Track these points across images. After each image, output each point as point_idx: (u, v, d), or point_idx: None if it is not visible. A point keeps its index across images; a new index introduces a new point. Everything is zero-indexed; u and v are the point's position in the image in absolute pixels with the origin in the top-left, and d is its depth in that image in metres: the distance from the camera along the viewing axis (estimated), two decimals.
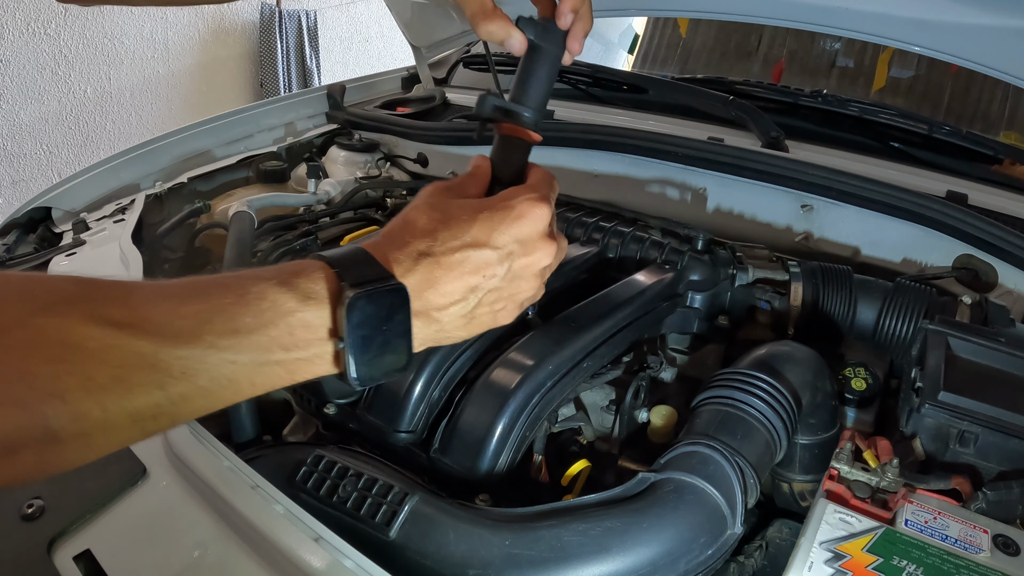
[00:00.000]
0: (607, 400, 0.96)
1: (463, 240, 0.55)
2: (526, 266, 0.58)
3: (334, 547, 0.64)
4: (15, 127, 3.22)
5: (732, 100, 1.58)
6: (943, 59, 1.31)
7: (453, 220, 0.55)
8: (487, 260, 0.55)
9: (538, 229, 0.58)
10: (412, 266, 0.54)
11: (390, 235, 0.56)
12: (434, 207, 0.57)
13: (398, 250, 0.54)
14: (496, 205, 0.57)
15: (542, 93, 0.65)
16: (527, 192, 0.58)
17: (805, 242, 1.36)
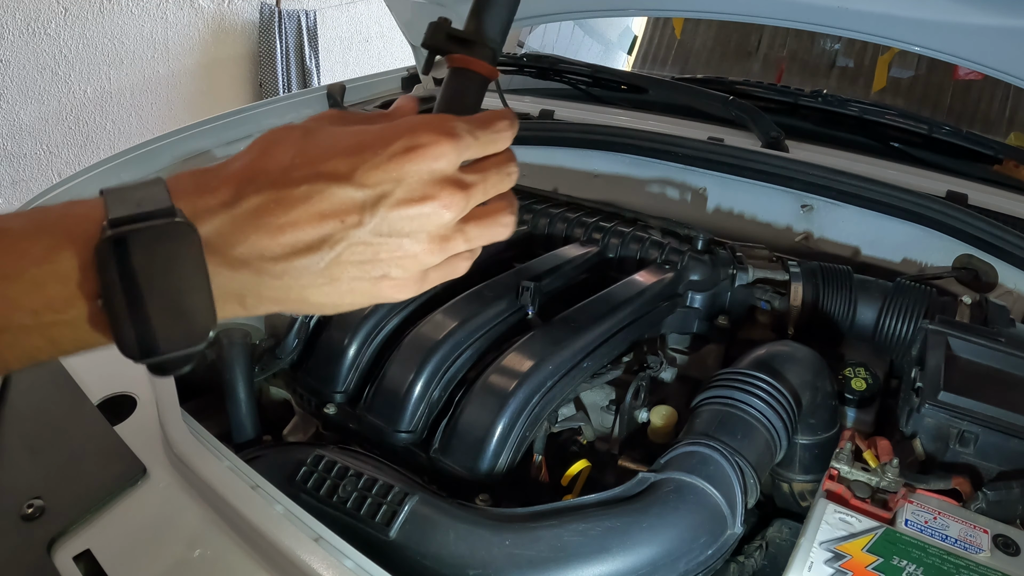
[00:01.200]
0: (607, 400, 0.96)
1: (316, 169, 0.40)
2: (409, 218, 0.42)
3: (334, 547, 0.64)
4: (15, 127, 3.22)
5: (732, 100, 1.58)
6: (943, 59, 1.31)
7: (313, 144, 0.42)
8: (345, 200, 0.40)
9: (433, 168, 0.42)
10: (232, 197, 0.40)
11: (231, 160, 0.43)
12: (302, 129, 0.43)
13: (215, 175, 0.41)
14: (379, 131, 0.42)
15: (503, 21, 0.56)
16: (433, 121, 0.43)
17: (805, 242, 1.36)
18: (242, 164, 0.41)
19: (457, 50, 0.54)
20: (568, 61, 1.90)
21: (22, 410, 0.84)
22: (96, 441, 0.79)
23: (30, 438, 0.81)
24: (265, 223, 0.40)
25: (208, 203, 0.40)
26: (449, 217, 0.43)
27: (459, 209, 0.43)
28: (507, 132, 0.47)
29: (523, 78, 1.92)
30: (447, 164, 0.43)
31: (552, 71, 1.86)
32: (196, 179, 0.41)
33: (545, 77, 1.89)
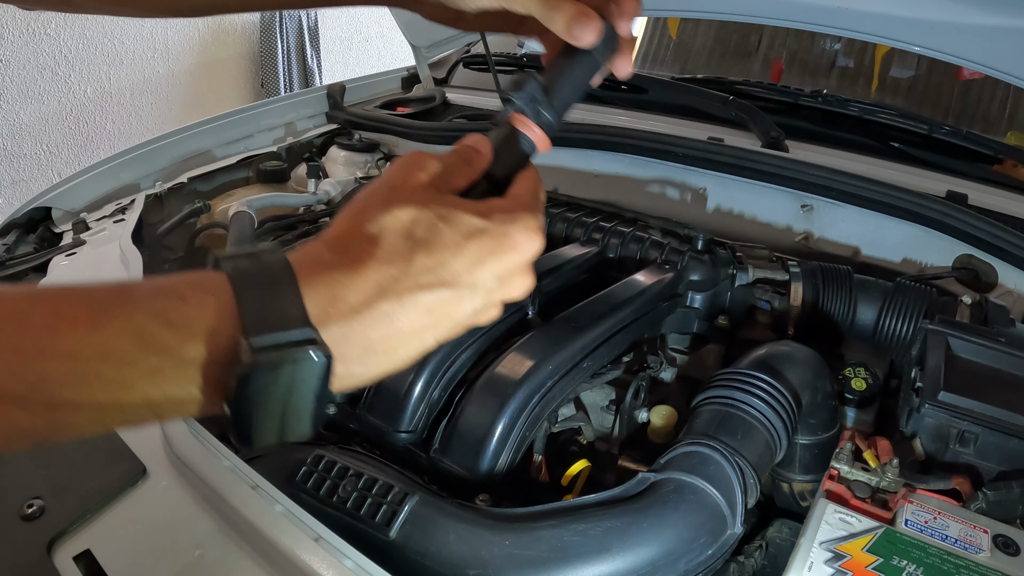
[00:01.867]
0: (607, 400, 0.96)
1: (439, 275, 0.43)
2: (494, 300, 0.47)
3: (334, 547, 0.64)
4: (15, 127, 3.22)
5: (732, 100, 1.58)
6: (943, 59, 1.31)
7: (437, 242, 0.43)
8: (461, 299, 0.44)
9: (524, 260, 0.47)
10: (363, 307, 0.41)
11: (345, 242, 0.43)
12: (420, 209, 0.44)
13: (348, 277, 0.41)
14: (492, 229, 0.45)
15: (570, 101, 0.56)
16: (524, 213, 0.47)
17: (805, 242, 1.36)
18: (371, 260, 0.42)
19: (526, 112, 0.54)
20: None
21: None
22: (96, 441, 0.79)
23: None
24: (389, 329, 0.42)
25: (338, 310, 0.41)
26: (519, 295, 0.48)
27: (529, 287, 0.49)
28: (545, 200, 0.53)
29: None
30: (533, 253, 0.47)
31: None
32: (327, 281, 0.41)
33: None
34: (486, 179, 0.52)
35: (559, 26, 0.53)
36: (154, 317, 0.37)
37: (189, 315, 0.38)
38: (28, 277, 1.19)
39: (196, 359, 0.38)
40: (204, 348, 0.38)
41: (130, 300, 0.38)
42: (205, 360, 0.38)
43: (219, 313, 0.39)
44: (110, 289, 0.38)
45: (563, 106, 0.55)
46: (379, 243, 0.43)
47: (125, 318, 0.37)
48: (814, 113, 1.62)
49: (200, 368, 0.38)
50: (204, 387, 0.39)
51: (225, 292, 0.39)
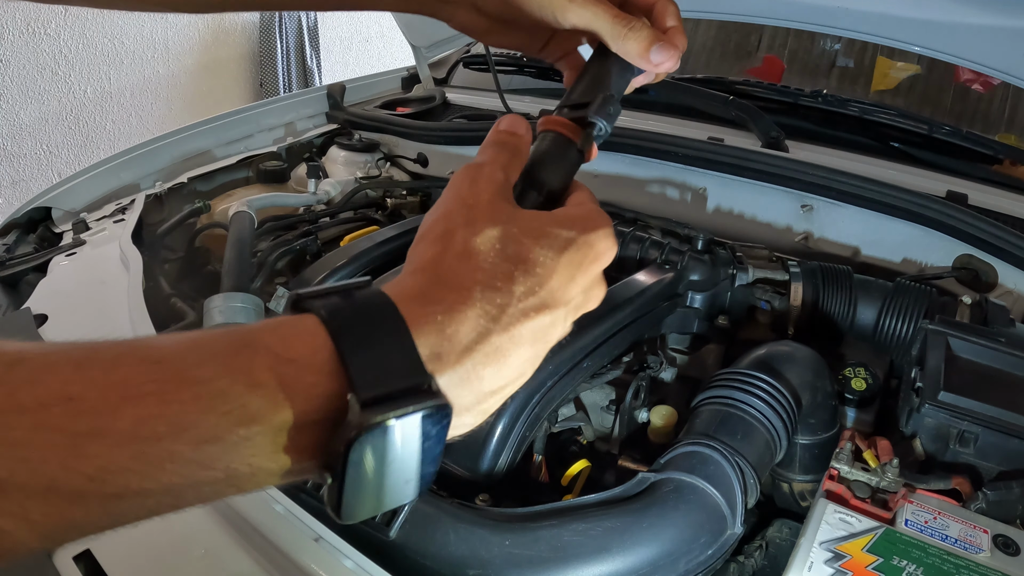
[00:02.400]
0: (607, 400, 0.96)
1: (540, 297, 0.39)
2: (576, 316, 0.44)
3: (334, 547, 0.64)
4: (15, 127, 3.22)
5: (732, 100, 1.58)
6: (943, 59, 1.31)
7: (532, 260, 0.39)
8: (561, 319, 0.41)
9: (600, 270, 0.44)
10: (474, 345, 0.36)
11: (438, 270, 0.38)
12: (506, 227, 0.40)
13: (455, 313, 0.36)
14: (578, 239, 0.41)
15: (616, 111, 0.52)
16: (604, 220, 0.44)
17: (805, 242, 1.36)
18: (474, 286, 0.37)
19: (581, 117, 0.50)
20: None
21: None
22: None
23: None
24: (500, 364, 0.37)
25: (452, 351, 0.36)
26: (592, 307, 0.45)
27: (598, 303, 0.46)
28: None
29: (523, 78, 1.92)
30: (609, 261, 0.44)
31: (552, 71, 1.86)
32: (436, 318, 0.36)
33: (545, 77, 1.89)
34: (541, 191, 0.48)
35: (633, 49, 0.50)
36: (237, 378, 0.31)
37: (281, 372, 0.32)
38: (28, 277, 1.19)
39: (292, 424, 0.32)
40: (302, 411, 0.32)
41: (203, 358, 0.31)
42: (304, 425, 0.32)
43: (317, 368, 0.32)
44: (177, 344, 0.32)
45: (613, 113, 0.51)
46: (478, 267, 0.38)
47: (201, 384, 0.30)
48: (814, 113, 1.62)
49: (297, 434, 0.32)
50: (300, 455, 0.32)
51: (321, 340, 0.33)
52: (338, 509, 0.34)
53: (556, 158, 0.48)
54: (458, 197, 0.42)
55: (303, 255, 1.26)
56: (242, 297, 0.99)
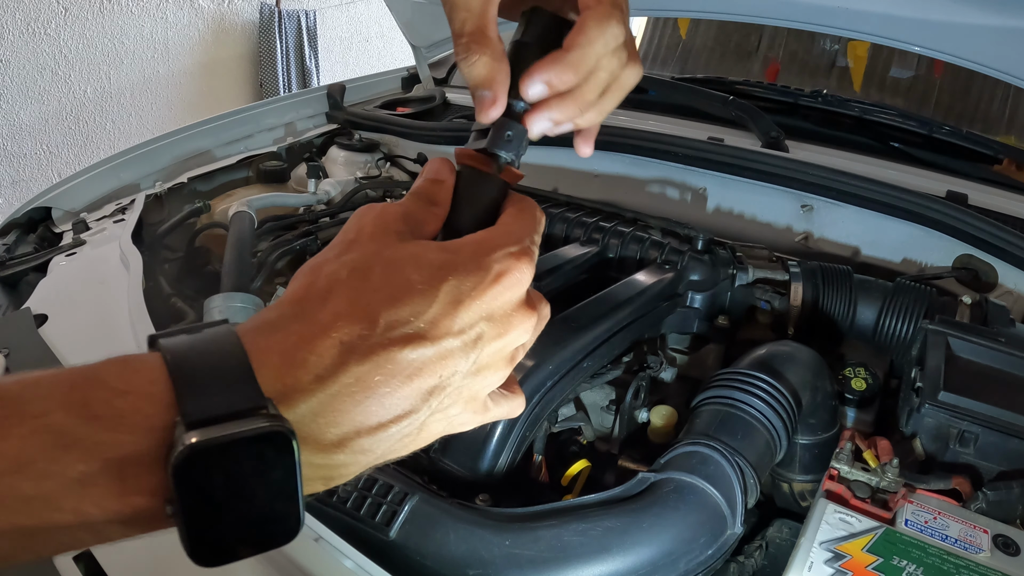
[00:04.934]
0: (607, 400, 0.96)
1: (416, 325, 0.36)
2: (497, 351, 0.39)
3: (334, 547, 0.64)
4: (15, 127, 3.22)
5: (732, 100, 1.58)
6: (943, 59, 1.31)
7: (403, 287, 0.36)
8: (449, 352, 0.37)
9: (516, 297, 0.40)
10: (328, 370, 0.34)
11: (301, 302, 0.36)
12: (377, 257, 0.38)
13: (306, 342, 0.34)
14: (464, 263, 0.38)
15: None
16: (505, 241, 0.40)
17: (805, 242, 1.36)
18: (331, 317, 0.35)
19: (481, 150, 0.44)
20: None
21: None
22: None
23: None
24: (366, 397, 0.35)
25: (300, 379, 0.34)
26: (525, 340, 0.41)
27: (532, 333, 0.42)
28: (543, 219, 0.44)
29: None
30: (526, 285, 0.40)
31: None
32: (282, 346, 0.34)
33: None
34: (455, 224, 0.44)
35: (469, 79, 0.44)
36: (74, 411, 0.30)
37: (117, 405, 0.31)
38: (28, 277, 1.19)
39: (132, 459, 0.30)
40: (144, 446, 0.30)
41: (44, 393, 0.30)
42: (147, 461, 0.30)
43: (153, 399, 0.31)
44: (20, 381, 0.31)
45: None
46: (337, 298, 0.36)
47: (39, 418, 0.30)
48: (814, 113, 1.62)
49: (142, 472, 0.31)
50: (149, 496, 0.31)
51: (159, 372, 0.32)
52: (189, 548, 0.33)
53: (471, 193, 0.44)
54: (342, 233, 0.41)
55: (303, 255, 1.26)
56: (242, 297, 0.99)
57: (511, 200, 0.44)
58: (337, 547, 0.64)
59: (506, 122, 0.44)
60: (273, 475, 0.32)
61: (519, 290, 0.39)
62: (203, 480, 0.31)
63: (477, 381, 0.40)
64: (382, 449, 0.37)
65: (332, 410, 0.34)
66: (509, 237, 0.40)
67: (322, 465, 0.35)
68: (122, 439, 0.30)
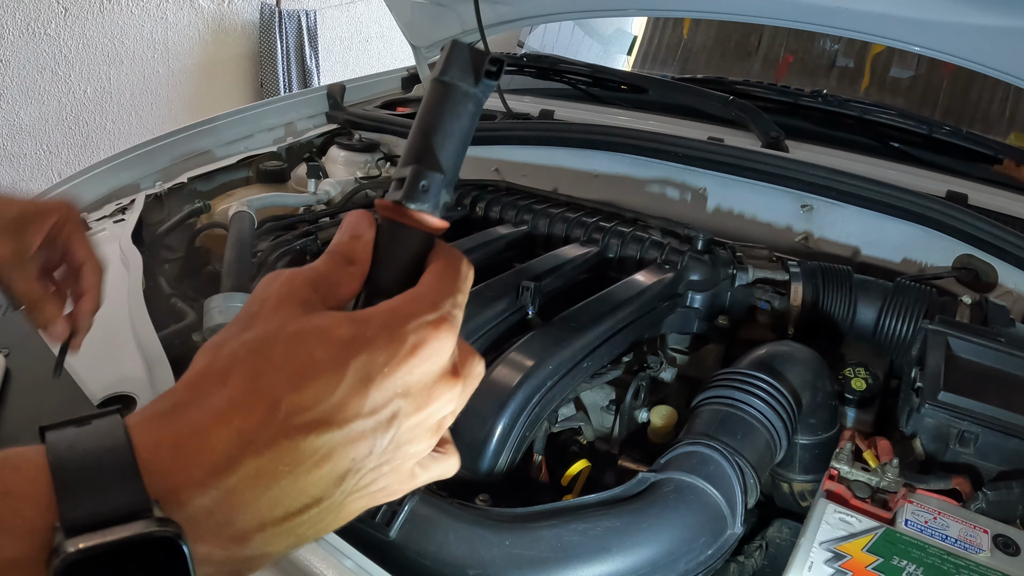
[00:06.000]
0: (607, 400, 0.96)
1: (322, 409, 0.33)
2: (417, 424, 0.37)
3: (334, 547, 0.64)
4: (15, 127, 3.22)
5: (732, 100, 1.58)
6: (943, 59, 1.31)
7: (307, 368, 0.33)
8: (360, 434, 0.34)
9: (436, 368, 0.37)
10: (224, 463, 0.31)
11: (197, 387, 0.34)
12: (278, 334, 0.35)
13: (199, 433, 0.32)
14: (376, 336, 0.35)
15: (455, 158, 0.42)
16: (422, 308, 0.37)
17: (805, 242, 1.36)
18: (227, 404, 0.33)
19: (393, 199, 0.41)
20: (568, 61, 1.90)
21: (22, 410, 0.84)
22: None
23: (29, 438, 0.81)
24: (268, 489, 0.32)
25: (193, 474, 0.31)
26: (451, 408, 0.39)
27: (459, 398, 0.40)
28: (470, 274, 0.41)
29: (523, 78, 1.92)
30: (447, 355, 0.38)
31: (552, 71, 1.86)
32: (174, 439, 0.32)
33: (545, 77, 1.89)
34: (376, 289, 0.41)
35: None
36: None
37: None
38: None
39: (11, 563, 0.29)
40: (24, 549, 0.29)
41: None
42: (24, 564, 0.29)
43: (33, 501, 0.29)
44: None
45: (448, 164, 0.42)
46: (236, 381, 0.33)
47: None
48: (814, 113, 1.62)
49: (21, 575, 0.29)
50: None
51: (39, 473, 0.30)
52: None
53: (391, 248, 0.41)
54: (246, 306, 0.38)
55: (303, 255, 1.26)
56: (242, 297, 0.99)
57: (436, 253, 0.41)
58: (337, 547, 0.64)
59: (421, 171, 0.40)
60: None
61: (439, 360, 0.37)
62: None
63: (398, 456, 0.37)
64: (293, 539, 0.34)
65: (230, 505, 0.32)
66: (426, 303, 0.37)
67: (224, 561, 0.33)
68: (2, 542, 0.29)
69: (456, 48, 0.42)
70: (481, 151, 1.63)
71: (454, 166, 0.42)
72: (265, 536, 0.33)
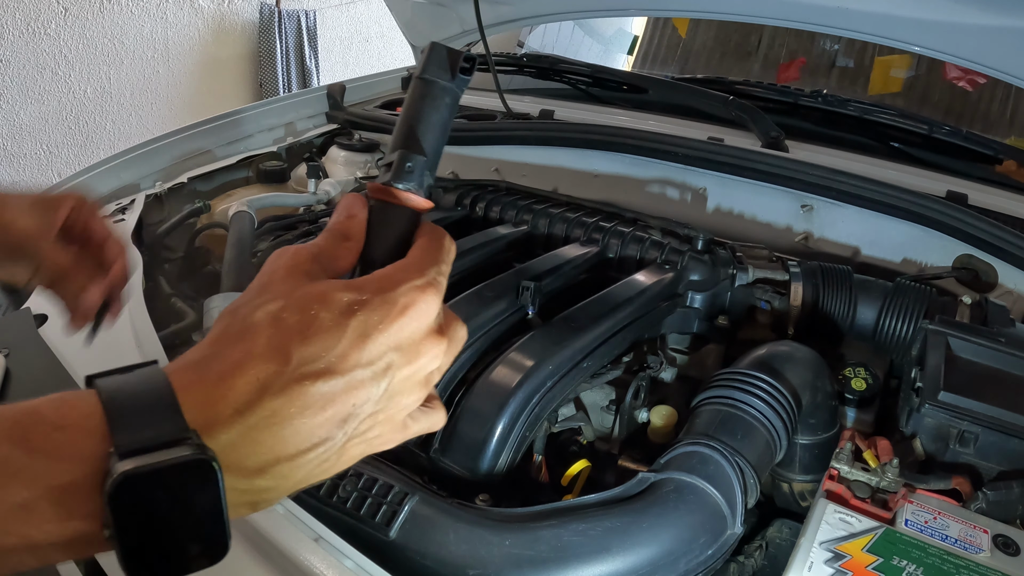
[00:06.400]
0: (607, 400, 0.96)
1: (327, 360, 0.39)
2: (408, 377, 0.42)
3: (334, 547, 0.64)
4: (15, 127, 3.22)
5: (732, 100, 1.58)
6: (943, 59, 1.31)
7: (313, 326, 0.39)
8: (359, 382, 0.39)
9: (424, 326, 0.42)
10: (246, 404, 0.37)
11: (219, 343, 0.40)
12: (287, 299, 0.40)
13: (225, 379, 0.37)
14: (371, 299, 0.41)
15: (436, 144, 0.48)
16: (410, 275, 0.42)
17: (805, 242, 1.36)
18: (247, 357, 0.38)
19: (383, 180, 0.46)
20: (568, 61, 1.90)
21: None
22: None
23: None
24: (282, 428, 0.38)
25: (221, 413, 0.37)
26: (437, 364, 0.44)
27: (444, 355, 0.44)
28: (452, 248, 0.47)
29: (523, 78, 1.92)
30: (433, 315, 0.43)
31: (552, 71, 1.86)
32: (204, 384, 0.37)
33: (545, 77, 1.89)
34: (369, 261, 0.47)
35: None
36: (14, 443, 0.33)
37: (55, 438, 0.34)
38: None
39: (70, 487, 0.34)
40: (79, 474, 0.34)
41: None
42: (83, 488, 0.34)
43: (88, 433, 0.35)
44: None
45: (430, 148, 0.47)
46: (253, 339, 0.39)
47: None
48: (814, 113, 1.62)
49: (80, 499, 0.34)
50: (87, 521, 0.34)
51: (94, 409, 0.35)
52: (125, 567, 0.35)
53: (382, 226, 0.47)
54: (257, 278, 0.43)
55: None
56: None
57: (422, 231, 0.47)
58: (337, 547, 0.64)
59: (406, 155, 0.46)
60: (199, 499, 0.35)
61: (426, 320, 0.42)
62: (135, 504, 0.34)
63: (392, 405, 0.42)
64: (302, 474, 0.40)
65: (251, 440, 0.37)
66: (414, 270, 0.43)
67: (246, 490, 0.38)
68: (61, 468, 0.34)
69: (435, 49, 0.48)
70: (481, 151, 1.63)
71: (435, 151, 0.47)
72: (279, 470, 0.38)
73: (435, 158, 0.47)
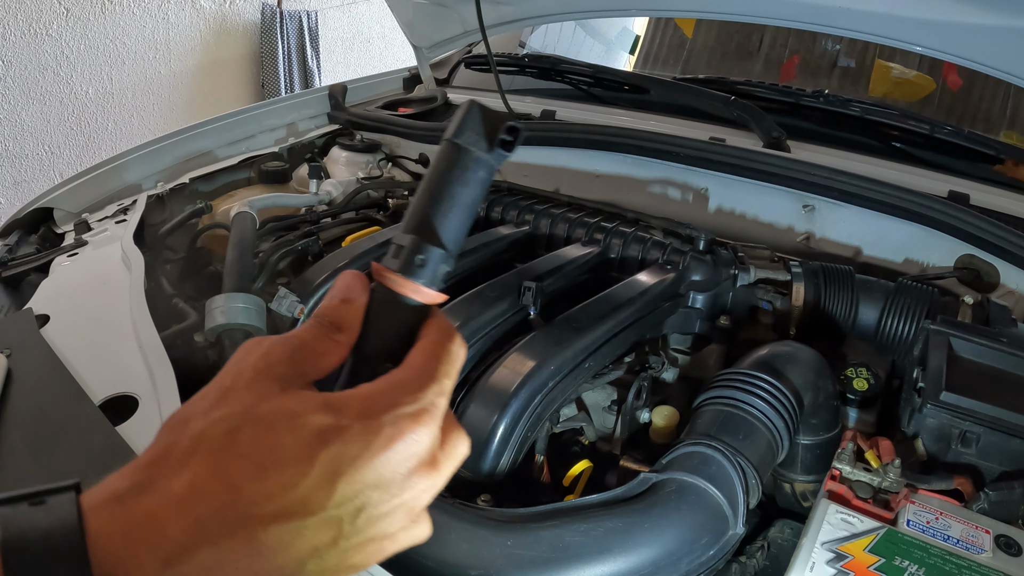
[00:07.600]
0: (609, 400, 0.96)
1: (285, 501, 0.32)
2: (389, 513, 0.35)
3: None
4: (17, 128, 3.22)
5: (734, 100, 1.58)
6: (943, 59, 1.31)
7: (274, 454, 0.32)
8: (324, 524, 0.33)
9: (412, 460, 0.35)
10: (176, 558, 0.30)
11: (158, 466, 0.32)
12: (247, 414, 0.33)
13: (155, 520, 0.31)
14: (350, 427, 0.34)
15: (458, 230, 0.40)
16: (403, 396, 0.35)
17: (807, 242, 1.36)
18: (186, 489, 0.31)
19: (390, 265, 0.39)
20: (570, 61, 1.90)
21: (23, 410, 0.84)
22: (98, 442, 0.79)
23: (31, 438, 0.81)
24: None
25: (144, 564, 0.30)
26: (428, 496, 0.37)
27: (437, 487, 0.37)
28: (461, 353, 0.39)
29: (525, 78, 1.92)
30: (425, 448, 0.36)
31: (554, 71, 1.86)
32: (126, 526, 0.31)
33: (547, 77, 1.89)
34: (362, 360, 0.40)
35: None
36: None
37: None
38: (30, 277, 1.19)
39: None
40: None
41: None
42: None
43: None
44: None
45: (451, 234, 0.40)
46: (198, 464, 0.32)
47: None
48: (816, 113, 1.61)
49: None
50: None
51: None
52: None
53: (383, 317, 0.40)
54: (219, 377, 0.36)
55: (305, 255, 1.26)
56: (244, 298, 0.99)
57: (428, 328, 0.40)
58: None
59: (421, 244, 0.39)
60: None
61: (415, 453, 0.35)
62: None
63: (366, 538, 0.35)
64: None
65: None
66: (408, 391, 0.36)
67: None
68: None
69: (471, 109, 0.40)
70: None
71: (456, 239, 0.40)
72: None
73: (455, 248, 0.40)
